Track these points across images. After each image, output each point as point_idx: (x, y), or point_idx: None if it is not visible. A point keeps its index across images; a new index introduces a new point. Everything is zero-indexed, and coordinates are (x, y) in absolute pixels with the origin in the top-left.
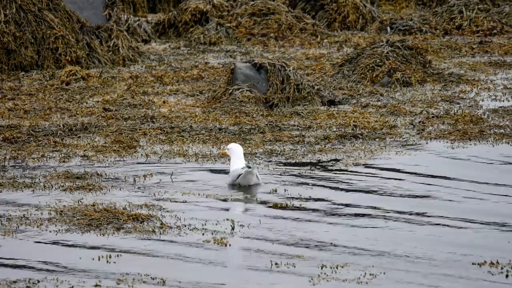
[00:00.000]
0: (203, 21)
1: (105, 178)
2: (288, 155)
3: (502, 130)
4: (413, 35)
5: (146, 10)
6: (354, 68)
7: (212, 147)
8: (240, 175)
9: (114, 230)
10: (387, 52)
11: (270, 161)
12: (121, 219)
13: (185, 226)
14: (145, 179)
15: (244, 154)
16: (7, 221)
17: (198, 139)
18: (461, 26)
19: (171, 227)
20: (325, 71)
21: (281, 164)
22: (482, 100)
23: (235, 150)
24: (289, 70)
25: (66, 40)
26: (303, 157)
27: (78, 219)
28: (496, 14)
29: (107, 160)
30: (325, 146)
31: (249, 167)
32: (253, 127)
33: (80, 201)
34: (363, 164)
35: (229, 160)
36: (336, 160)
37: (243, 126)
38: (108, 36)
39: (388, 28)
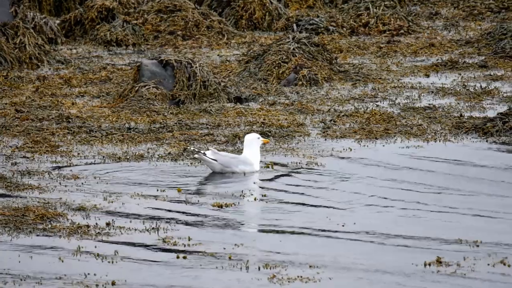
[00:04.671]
0: (109, 18)
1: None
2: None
3: (409, 128)
4: (320, 35)
5: (52, 8)
6: (261, 65)
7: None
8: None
9: None
10: (294, 49)
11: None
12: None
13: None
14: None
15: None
16: None
17: (114, 139)
18: (368, 23)
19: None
20: (232, 69)
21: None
22: (392, 99)
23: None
24: (196, 67)
25: None
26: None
27: None
28: (403, 12)
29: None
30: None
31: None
32: (162, 125)
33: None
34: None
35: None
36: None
37: (151, 124)
38: (15, 34)
39: (294, 26)
